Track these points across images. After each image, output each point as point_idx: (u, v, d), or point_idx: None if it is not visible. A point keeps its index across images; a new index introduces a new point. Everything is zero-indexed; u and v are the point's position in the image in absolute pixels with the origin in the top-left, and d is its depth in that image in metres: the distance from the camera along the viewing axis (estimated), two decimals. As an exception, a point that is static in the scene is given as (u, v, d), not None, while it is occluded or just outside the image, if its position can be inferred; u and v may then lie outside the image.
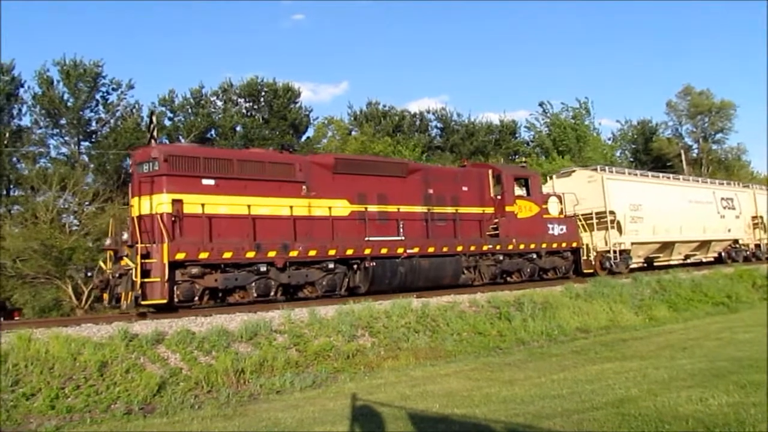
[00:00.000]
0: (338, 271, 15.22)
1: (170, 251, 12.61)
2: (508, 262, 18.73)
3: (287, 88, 37.95)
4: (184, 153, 13.90)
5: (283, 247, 14.11)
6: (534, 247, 19.31)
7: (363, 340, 12.48)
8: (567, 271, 20.54)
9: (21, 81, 30.41)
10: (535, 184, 20.27)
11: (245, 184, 14.09)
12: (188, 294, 12.98)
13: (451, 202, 17.80)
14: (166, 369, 9.87)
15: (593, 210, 21.87)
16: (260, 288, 13.91)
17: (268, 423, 7.40)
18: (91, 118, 31.87)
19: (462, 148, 41.47)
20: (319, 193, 15.21)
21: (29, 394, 8.55)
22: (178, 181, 13.29)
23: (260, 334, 11.58)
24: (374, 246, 15.66)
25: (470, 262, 17.92)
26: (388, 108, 42.86)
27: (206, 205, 13.31)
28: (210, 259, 13.16)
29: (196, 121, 33.50)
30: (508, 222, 18.69)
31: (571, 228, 20.67)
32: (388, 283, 15.93)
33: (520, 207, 19.25)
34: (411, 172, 17.40)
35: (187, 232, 13.17)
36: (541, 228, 19.65)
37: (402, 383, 9.77)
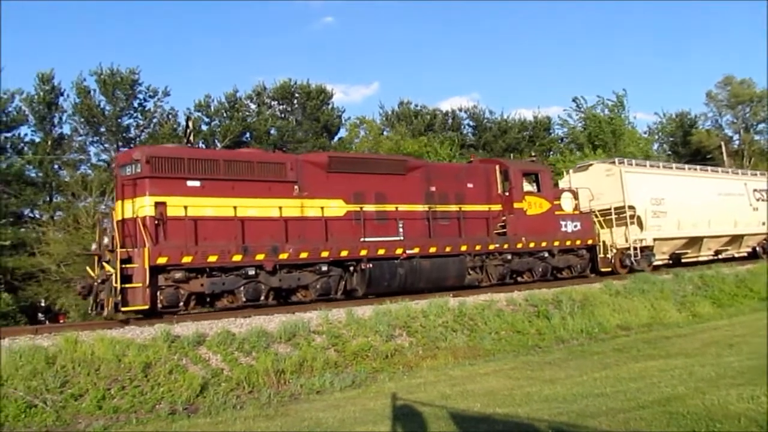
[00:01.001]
0: (333, 273, 14.66)
1: (151, 255, 12.21)
2: (517, 261, 17.94)
3: (320, 89, 38.18)
4: (167, 154, 13.41)
5: (273, 249, 13.59)
6: (545, 246, 18.43)
7: (401, 339, 12.48)
8: (583, 270, 19.64)
9: (61, 90, 31.22)
10: (546, 179, 19.34)
11: (233, 185, 13.64)
12: (172, 299, 12.58)
13: (455, 200, 17.05)
14: (208, 370, 10.02)
15: (612, 205, 20.88)
16: (249, 292, 13.38)
17: (309, 423, 7.44)
18: (129, 125, 32.57)
19: (495, 146, 41.16)
20: (312, 192, 14.64)
21: (77, 394, 8.76)
22: (161, 183, 12.88)
23: (299, 334, 11.67)
24: (371, 247, 15.05)
25: (476, 262, 17.17)
26: (420, 107, 42.79)
27: (191, 208, 12.90)
28: (194, 263, 12.72)
29: (231, 125, 33.93)
30: (516, 219, 17.89)
31: (587, 224, 19.74)
32: (387, 285, 15.29)
33: (530, 203, 18.39)
34: (411, 170, 16.70)
35: (172, 235, 12.72)
36: (553, 225, 18.81)
37: (441, 382, 9.74)
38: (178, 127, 31.81)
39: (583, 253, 19.63)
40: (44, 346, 9.65)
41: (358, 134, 40.60)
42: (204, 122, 34.89)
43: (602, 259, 20.01)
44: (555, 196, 19.28)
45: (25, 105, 30.16)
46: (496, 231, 17.67)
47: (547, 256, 18.54)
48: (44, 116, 30.46)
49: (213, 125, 35.21)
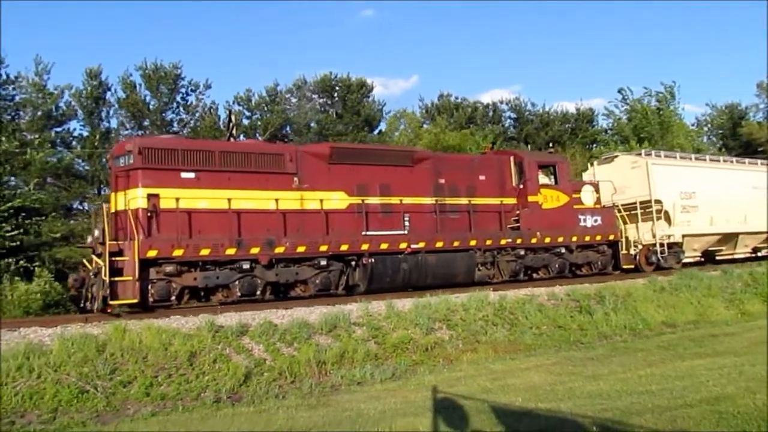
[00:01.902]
0: (333, 268, 14.30)
1: (141, 248, 11.99)
2: (531, 257, 17.28)
3: (361, 83, 38.25)
4: (160, 145, 13.22)
5: (268, 243, 13.27)
6: (562, 241, 17.63)
7: (441, 332, 12.49)
8: (604, 267, 18.80)
9: (108, 85, 31.97)
10: (564, 171, 18.56)
11: (229, 176, 13.37)
12: (163, 293, 12.37)
13: (466, 193, 16.51)
14: (251, 360, 10.19)
15: (637, 199, 20.02)
16: (245, 287, 13.11)
17: (351, 414, 7.50)
18: (172, 119, 33.16)
19: (537, 139, 40.62)
20: (312, 185, 14.30)
21: (126, 381, 9.02)
22: (154, 174, 12.67)
23: (339, 326, 11.78)
24: (372, 241, 14.62)
25: (487, 258, 16.55)
26: (460, 100, 42.50)
27: (186, 200, 12.71)
28: (185, 257, 12.47)
29: (272, 119, 34.28)
30: (530, 213, 17.20)
31: (608, 219, 18.90)
32: (390, 281, 14.92)
33: (546, 197, 17.69)
34: (419, 161, 16.17)
35: (165, 228, 12.52)
36: (571, 219, 18.02)
37: (482, 376, 9.71)
38: (220, 120, 32.30)
39: (604, 249, 18.81)
40: (94, 335, 9.96)
41: (398, 127, 40.57)
42: (245, 116, 35.33)
43: (624, 255, 19.19)
44: (574, 189, 18.58)
45: (74, 100, 30.99)
46: (510, 225, 17.11)
47: (564, 252, 17.80)
48: (92, 111, 31.23)
49: (254, 119, 35.64)
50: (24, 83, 29.29)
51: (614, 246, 19.00)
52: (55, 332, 10.12)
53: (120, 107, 31.83)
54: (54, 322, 11.20)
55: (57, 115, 29.95)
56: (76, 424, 7.81)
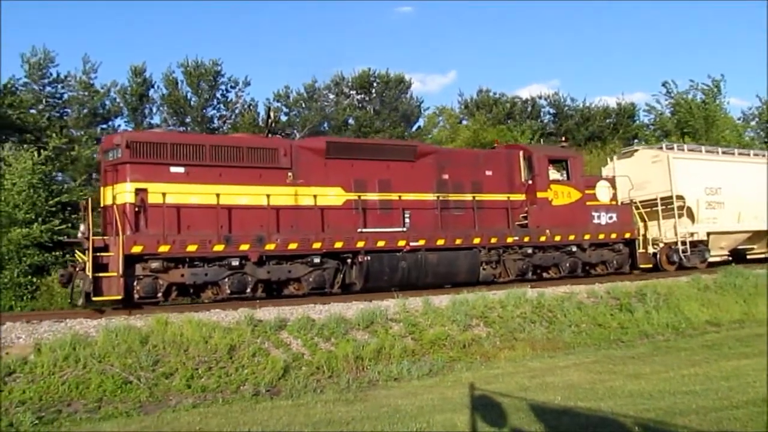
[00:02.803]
0: (328, 266, 13.91)
1: (126, 244, 11.81)
2: (540, 255, 16.61)
3: (399, 78, 38.20)
4: (149, 139, 13.02)
5: (258, 239, 12.96)
6: (573, 239, 16.88)
7: (478, 329, 12.43)
8: (620, 266, 17.94)
9: (151, 82, 32.68)
10: (576, 166, 17.72)
11: (220, 171, 13.11)
12: (149, 290, 12.14)
13: (471, 189, 15.94)
14: (289, 354, 10.30)
15: (658, 195, 19.15)
16: (234, 284, 12.85)
17: (388, 409, 7.52)
18: (212, 116, 33.69)
19: (577, 134, 39.97)
20: (307, 180, 13.96)
21: (168, 373, 9.21)
22: (142, 169, 12.49)
23: (376, 322, 11.81)
24: (369, 238, 14.19)
25: (492, 256, 15.97)
26: (499, 95, 42.09)
27: (175, 195, 12.46)
28: (172, 253, 12.24)
29: (310, 115, 34.53)
30: (539, 210, 16.56)
31: (624, 216, 18.11)
32: (387, 279, 14.51)
33: (556, 193, 16.99)
34: (421, 156, 15.64)
35: (153, 223, 12.28)
36: (583, 217, 17.28)
37: (520, 374, 9.63)
38: (258, 116, 32.68)
39: (619, 247, 18.00)
40: (137, 327, 10.20)
41: (436, 123, 40.43)
42: (283, 112, 35.67)
43: (642, 254, 18.34)
44: (587, 185, 17.83)
45: (119, 97, 31.75)
46: (518, 222, 16.53)
47: (576, 250, 17.08)
48: (136, 107, 31.96)
49: (292, 115, 35.94)
50: (72, 82, 30.15)
51: (631, 244, 18.24)
52: (99, 324, 10.40)
53: (163, 104, 32.50)
54: (99, 314, 11.49)
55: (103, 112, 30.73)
56: (120, 414, 8.00)
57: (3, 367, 8.59)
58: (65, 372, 8.76)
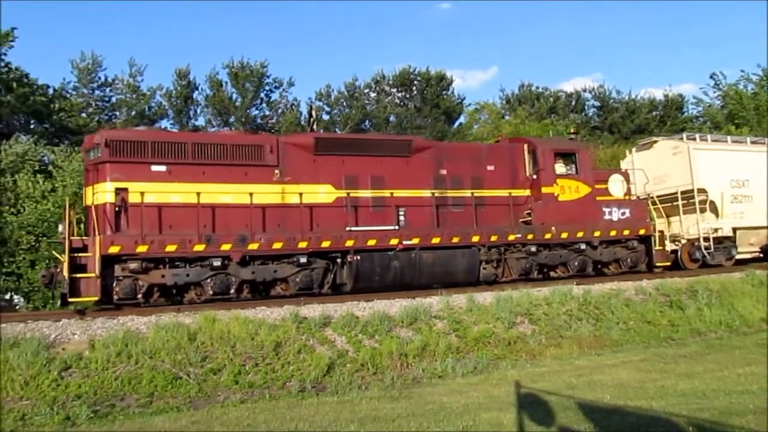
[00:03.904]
0: (316, 266, 13.48)
1: (103, 244, 11.59)
2: (546, 254, 15.78)
3: (440, 76, 38.08)
4: (129, 137, 12.76)
5: (240, 239, 12.61)
6: (582, 236, 15.90)
7: (523, 327, 12.30)
8: (635, 265, 16.83)
9: (195, 84, 33.38)
10: (585, 159, 16.74)
11: (203, 169, 12.80)
12: (128, 291, 11.93)
13: (471, 185, 15.23)
14: (334, 351, 10.38)
15: (679, 189, 18.08)
16: (217, 285, 12.54)
17: (434, 407, 7.50)
18: (256, 116, 34.19)
19: (622, 128, 39.15)
20: (295, 177, 13.53)
21: (216, 369, 9.39)
22: (122, 168, 12.26)
23: (420, 319, 11.81)
24: (359, 237, 13.66)
25: (492, 255, 15.22)
26: (542, 89, 41.52)
27: (156, 194, 12.24)
28: (150, 253, 11.98)
29: (351, 114, 34.71)
30: (544, 206, 15.72)
31: (638, 212, 17.00)
32: (379, 279, 13.97)
33: (563, 188, 16.09)
34: (417, 151, 15.01)
35: (134, 223, 12.04)
36: (593, 212, 16.30)
37: (566, 372, 9.50)
38: (301, 116, 33.00)
39: (634, 244, 16.93)
40: (186, 324, 10.42)
41: (477, 119, 40.14)
42: (325, 111, 35.95)
43: (659, 252, 17.04)
44: (598, 179, 16.88)
45: (165, 99, 32.52)
46: (523, 219, 15.73)
47: (585, 248, 16.10)
48: (181, 109, 32.70)
49: (333, 114, 36.20)
50: (119, 85, 31.02)
51: (647, 242, 17.07)
52: (150, 321, 10.66)
53: (207, 105, 33.13)
54: (149, 311, 11.77)
55: (149, 114, 31.53)
56: (171, 409, 8.20)
57: (60, 362, 8.89)
58: (118, 367, 9.02)
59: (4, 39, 23.00)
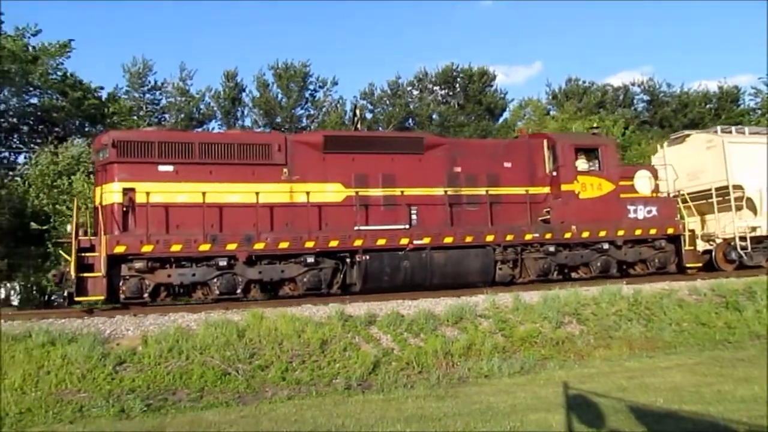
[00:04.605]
0: (325, 266, 13.34)
1: (109, 244, 11.78)
2: (566, 254, 15.26)
3: (482, 72, 37.80)
4: (136, 138, 12.97)
5: (246, 238, 12.60)
6: (604, 236, 15.34)
7: (571, 327, 12.08)
8: (663, 266, 16.09)
9: (243, 86, 33.99)
10: (609, 155, 16.07)
11: (210, 169, 12.86)
12: (135, 290, 12.09)
13: (487, 182, 14.85)
14: (379, 349, 10.40)
15: (713, 185, 17.11)
16: (224, 284, 12.57)
17: (480, 406, 7.44)
18: (301, 115, 34.59)
19: (674, 122, 38.06)
20: (304, 176, 13.45)
21: (264, 365, 9.53)
22: (129, 168, 12.41)
23: (465, 318, 11.73)
24: (367, 236, 13.46)
25: (508, 255, 14.82)
26: (589, 83, 40.72)
27: (163, 194, 12.37)
28: (155, 253, 12.09)
29: (395, 112, 34.75)
30: (564, 204, 15.23)
31: (666, 210, 16.26)
32: (388, 280, 13.72)
33: (584, 185, 15.52)
34: (430, 148, 14.72)
35: (141, 223, 12.17)
36: (617, 210, 15.69)
37: (616, 374, 9.28)
38: (345, 115, 33.21)
39: (661, 244, 16.15)
40: (234, 321, 10.60)
41: (522, 116, 39.66)
42: (368, 110, 36.08)
43: (689, 252, 16.22)
44: (622, 175, 16.23)
45: (213, 101, 33.20)
46: (542, 218, 15.24)
47: (608, 247, 15.51)
48: (229, 111, 33.34)
49: (377, 112, 36.30)
50: (169, 88, 31.81)
51: (676, 241, 16.30)
52: (200, 317, 10.90)
53: (254, 106, 33.69)
54: (199, 308, 12.02)
55: (198, 116, 32.24)
56: (221, 404, 8.35)
57: (114, 357, 9.17)
58: (170, 363, 9.25)
59: (61, 50, 23.91)
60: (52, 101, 24.51)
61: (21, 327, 9.88)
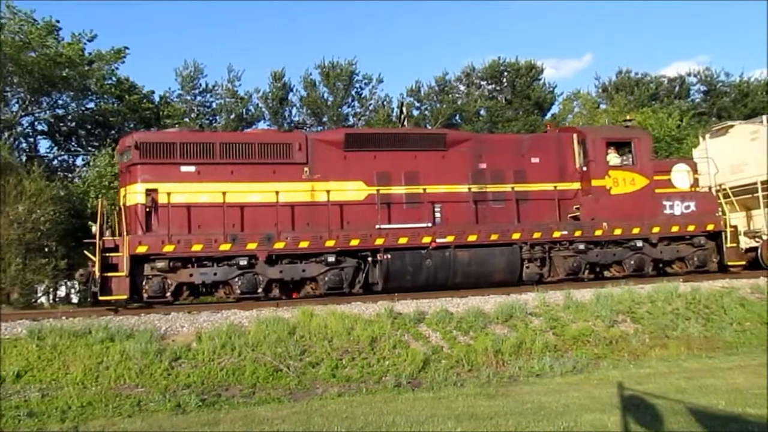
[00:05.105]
0: (346, 265, 13.29)
1: (131, 244, 12.02)
2: (597, 252, 14.83)
3: (530, 66, 37.19)
4: (158, 139, 13.15)
5: (266, 238, 12.66)
6: (638, 232, 14.88)
7: (624, 326, 11.80)
8: (703, 263, 15.42)
9: (290, 86, 34.41)
10: (643, 149, 15.46)
11: (231, 169, 12.97)
12: (157, 290, 12.28)
13: (514, 178, 14.56)
14: (428, 347, 10.37)
15: (758, 178, 16.22)
16: (245, 284, 12.64)
17: (532, 406, 7.33)
18: (348, 113, 34.77)
19: (733, 112, 36.61)
20: (325, 175, 13.44)
21: (314, 362, 9.63)
22: (152, 169, 12.61)
23: (515, 316, 11.60)
24: (389, 235, 13.36)
25: (536, 253, 14.49)
26: (641, 75, 39.57)
27: (185, 194, 12.52)
28: (176, 252, 12.28)
29: (442, 108, 34.57)
30: (594, 200, 14.82)
31: (705, 205, 15.59)
32: (411, 279, 13.59)
33: (616, 180, 15.06)
34: (454, 144, 14.51)
35: (164, 223, 12.35)
36: (651, 206, 15.15)
37: (674, 375, 9.02)
38: (392, 112, 33.21)
39: (701, 241, 15.52)
40: (285, 318, 10.74)
41: (571, 109, 38.88)
42: (415, 107, 35.98)
43: (731, 249, 15.48)
44: (657, 169, 15.61)
45: (261, 102, 33.71)
46: (572, 215, 14.82)
47: (642, 245, 15.01)
48: (276, 111, 33.78)
49: (423, 109, 36.17)
50: (219, 90, 32.47)
51: (718, 238, 15.61)
52: (251, 315, 11.09)
53: (302, 105, 34.06)
54: (250, 305, 12.23)
55: (247, 117, 32.79)
56: (273, 400, 8.46)
57: (170, 353, 9.42)
58: (223, 359, 9.44)
59: (116, 56, 24.70)
60: (108, 105, 25.32)
61: (81, 324, 10.23)
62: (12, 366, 8.81)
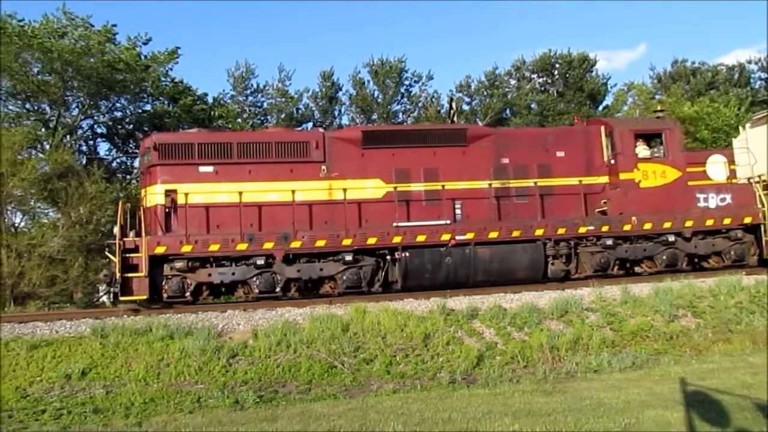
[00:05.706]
0: (365, 264, 13.16)
1: (149, 245, 12.14)
2: (626, 247, 14.35)
3: (583, 57, 36.35)
4: (177, 140, 13.24)
5: (283, 237, 12.64)
6: (670, 227, 14.31)
7: (685, 320, 11.49)
8: (740, 258, 14.78)
9: (339, 85, 34.64)
10: (674, 140, 14.86)
11: (249, 168, 12.98)
12: (176, 289, 12.39)
13: (538, 173, 14.18)
14: (482, 343, 10.31)
15: None
16: (263, 283, 12.65)
17: (591, 402, 7.20)
18: (397, 111, 34.75)
19: (798, 99, 35.00)
20: (343, 173, 13.34)
21: (368, 359, 9.70)
22: (171, 170, 12.72)
23: (571, 311, 11.44)
24: (407, 232, 13.19)
25: (561, 249, 14.06)
26: (699, 64, 38.20)
27: (204, 194, 12.60)
28: (194, 253, 12.35)
29: (492, 103, 34.19)
30: (623, 194, 14.36)
31: (742, 197, 14.92)
32: (430, 277, 13.36)
33: (645, 173, 14.54)
34: (475, 140, 14.20)
35: (182, 223, 12.42)
36: (684, 199, 14.63)
37: (739, 370, 8.70)
38: (442, 108, 33.04)
39: (738, 235, 14.88)
40: (339, 315, 10.86)
41: (625, 101, 37.86)
42: (465, 102, 35.70)
43: None
44: (691, 161, 15.05)
45: (311, 101, 34.06)
46: (599, 209, 14.35)
47: (675, 239, 14.47)
48: (326, 110, 34.06)
49: (474, 104, 35.85)
50: (270, 90, 32.97)
51: (757, 231, 14.92)
52: (305, 312, 11.25)
53: (351, 104, 34.24)
54: (304, 303, 12.40)
55: (297, 116, 33.18)
56: (328, 396, 8.57)
57: (228, 350, 9.65)
58: (279, 356, 9.62)
59: (170, 57, 25.34)
60: (163, 107, 26.01)
61: (142, 322, 10.59)
62: (77, 364, 9.17)
